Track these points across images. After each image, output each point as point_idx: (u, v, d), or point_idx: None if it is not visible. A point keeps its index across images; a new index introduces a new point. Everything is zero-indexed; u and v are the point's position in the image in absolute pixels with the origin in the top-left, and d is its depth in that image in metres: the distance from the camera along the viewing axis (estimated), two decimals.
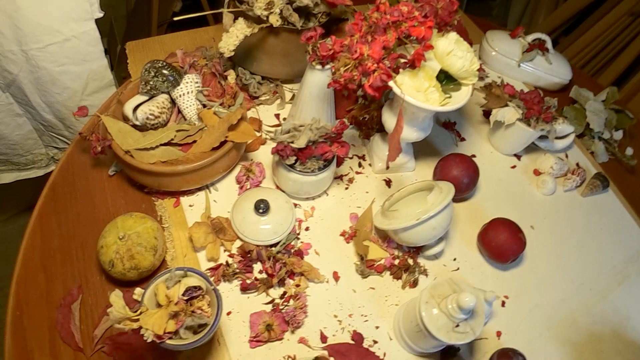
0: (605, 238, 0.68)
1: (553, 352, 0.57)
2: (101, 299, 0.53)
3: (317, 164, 0.54)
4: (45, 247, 0.56)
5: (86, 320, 0.51)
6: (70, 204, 0.59)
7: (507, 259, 0.58)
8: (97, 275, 0.54)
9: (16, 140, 0.80)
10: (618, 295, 0.64)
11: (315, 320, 0.52)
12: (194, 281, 0.46)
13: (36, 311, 0.52)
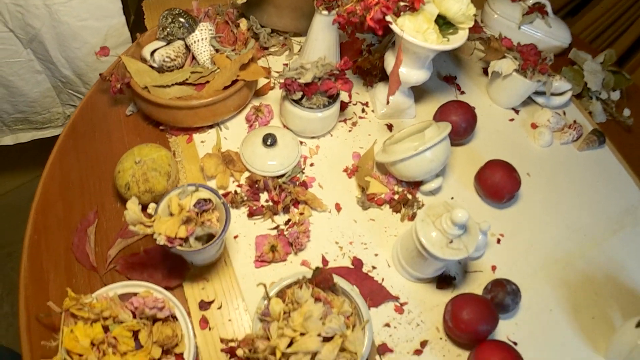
0: (601, 189, 0.72)
1: (547, 290, 0.61)
2: (116, 223, 0.58)
3: (322, 100, 0.59)
4: (64, 179, 0.62)
5: (101, 243, 0.57)
6: (89, 141, 0.65)
7: (502, 197, 0.62)
8: (113, 203, 0.59)
9: (35, 97, 0.86)
10: (613, 243, 0.68)
11: (317, 245, 0.57)
12: (204, 195, 0.51)
13: (53, 235, 0.57)
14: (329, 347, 0.43)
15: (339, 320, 0.44)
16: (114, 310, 0.47)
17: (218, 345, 0.51)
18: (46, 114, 0.89)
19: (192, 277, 0.54)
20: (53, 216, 0.59)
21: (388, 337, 0.53)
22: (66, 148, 0.64)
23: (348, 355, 0.44)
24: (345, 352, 0.44)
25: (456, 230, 0.48)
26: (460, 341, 0.53)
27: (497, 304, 0.55)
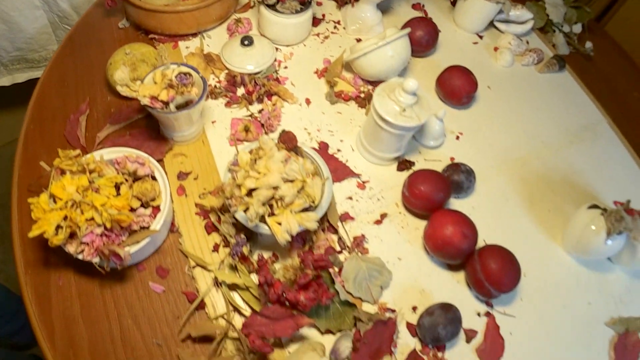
0: (561, 106, 0.80)
1: (504, 182, 0.69)
2: (106, 113, 0.66)
3: (295, 6, 0.68)
4: (61, 79, 0.70)
5: (91, 129, 0.65)
6: (85, 50, 0.74)
7: (460, 98, 0.71)
8: (104, 96, 0.68)
9: (32, 34, 0.96)
10: (571, 152, 0.76)
11: (286, 129, 0.65)
12: (185, 70, 0.59)
13: (48, 126, 0.66)
14: (289, 185, 0.51)
15: (299, 165, 0.52)
16: (98, 166, 0.55)
17: (193, 209, 0.59)
18: (42, 51, 0.99)
19: (173, 154, 0.63)
20: (49, 109, 0.67)
21: (350, 208, 0.61)
22: (64, 54, 0.74)
23: (307, 197, 0.52)
24: (304, 193, 0.52)
25: (408, 98, 0.56)
26: (417, 211, 0.61)
27: (452, 182, 0.63)
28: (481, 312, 0.58)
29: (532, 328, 0.59)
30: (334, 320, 0.52)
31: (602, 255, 0.63)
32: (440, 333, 0.52)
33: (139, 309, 0.53)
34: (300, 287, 0.49)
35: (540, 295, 0.61)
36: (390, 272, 0.57)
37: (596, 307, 0.62)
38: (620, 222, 0.58)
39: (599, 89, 0.86)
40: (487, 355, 0.55)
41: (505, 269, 0.55)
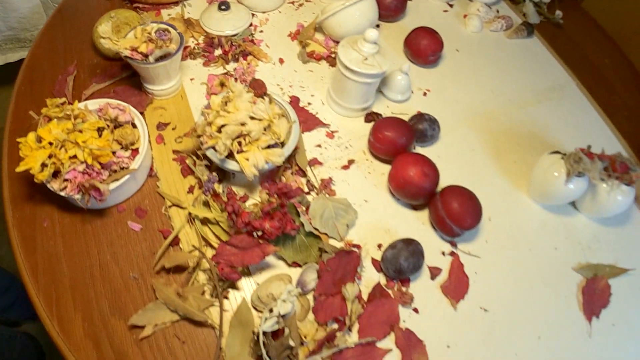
0: (528, 69, 0.86)
1: (470, 134, 0.74)
2: (92, 75, 0.72)
3: None
4: (51, 46, 0.77)
5: (78, 88, 0.71)
6: (73, 20, 0.80)
7: (427, 57, 0.76)
8: (91, 59, 0.74)
9: (25, 13, 1.03)
10: (538, 109, 0.80)
11: None
12: (164, 27, 0.66)
13: (38, 87, 0.72)
14: (256, 122, 0.56)
15: (266, 105, 0.57)
16: (82, 112, 0.61)
17: (171, 156, 0.65)
18: (34, 31, 1.06)
19: (153, 108, 0.68)
20: (39, 72, 0.73)
21: (319, 154, 0.66)
22: (54, 24, 0.80)
23: (273, 135, 0.57)
24: (270, 132, 0.58)
25: (369, 47, 0.62)
26: (382, 156, 0.66)
27: (417, 130, 0.68)
28: (446, 252, 0.63)
29: (498, 269, 0.63)
30: (300, 253, 0.57)
31: (564, 199, 0.67)
32: (402, 264, 0.57)
33: (118, 247, 0.58)
34: (265, 215, 0.54)
35: (505, 238, 0.66)
36: (356, 211, 0.62)
37: (563, 252, 0.66)
38: (579, 163, 0.63)
39: (569, 54, 0.91)
40: (452, 292, 0.60)
41: (466, 206, 0.60)
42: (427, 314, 0.58)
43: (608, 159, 0.66)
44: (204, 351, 0.53)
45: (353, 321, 0.54)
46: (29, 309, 1.16)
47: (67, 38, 0.77)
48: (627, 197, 0.66)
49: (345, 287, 0.54)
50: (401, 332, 0.56)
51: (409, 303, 0.58)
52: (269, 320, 0.50)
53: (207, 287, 0.55)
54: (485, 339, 0.58)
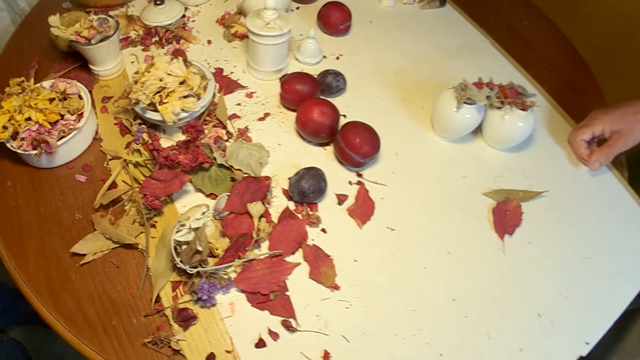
0: (441, 32, 1.00)
1: (380, 87, 0.88)
2: (51, 67, 0.90)
3: None
4: (18, 49, 0.95)
5: (39, 79, 0.88)
6: (36, 28, 0.98)
7: (337, 26, 0.92)
8: (50, 55, 0.92)
9: None
10: (448, 65, 0.94)
11: None
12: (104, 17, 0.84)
13: (5, 80, 0.90)
14: (172, 78, 0.72)
15: (180, 64, 0.73)
16: (37, 88, 0.78)
17: (113, 121, 0.81)
18: None
19: (99, 86, 0.85)
20: (8, 70, 0.91)
21: (239, 111, 0.81)
22: (20, 31, 1.00)
23: (187, 87, 0.73)
24: (186, 86, 0.73)
25: (269, 13, 0.78)
26: (291, 106, 0.81)
27: (323, 83, 0.83)
28: (353, 181, 0.75)
29: (404, 194, 0.75)
30: (215, 184, 0.71)
31: (463, 130, 0.79)
32: (303, 186, 0.70)
33: (67, 195, 0.73)
34: (180, 149, 0.69)
35: (412, 169, 0.78)
36: (269, 151, 0.76)
37: (473, 180, 0.78)
38: (465, 90, 0.75)
39: (485, 19, 1.06)
40: (358, 214, 0.72)
41: (363, 135, 0.73)
42: (334, 234, 0.70)
43: (497, 87, 0.79)
44: (134, 272, 0.66)
45: (261, 237, 0.67)
46: (16, 316, 1.31)
47: (31, 41, 0.96)
48: (527, 122, 0.77)
49: (250, 205, 0.67)
50: (309, 248, 0.68)
51: (316, 223, 0.70)
52: (181, 231, 0.64)
53: (137, 217, 0.69)
54: (393, 253, 0.69)
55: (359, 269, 0.67)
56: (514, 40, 1.04)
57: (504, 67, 0.96)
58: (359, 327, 0.62)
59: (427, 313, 0.64)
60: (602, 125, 0.79)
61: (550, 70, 1.01)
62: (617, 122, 0.78)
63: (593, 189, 0.81)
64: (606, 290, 0.69)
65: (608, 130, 0.79)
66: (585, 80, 1.01)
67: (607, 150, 0.80)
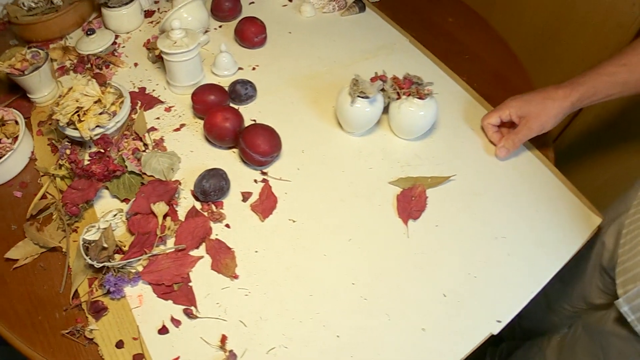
0: (359, 36, 1.12)
1: (292, 92, 1.00)
2: None
3: (123, 0, 1.09)
4: None
5: None
6: None
7: (252, 39, 1.05)
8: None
9: None
10: (363, 65, 1.06)
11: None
12: (35, 50, 1.00)
13: None
14: (87, 98, 0.86)
15: (95, 86, 0.88)
16: None
17: (46, 142, 0.95)
18: None
19: (37, 112, 1.00)
20: None
21: (157, 124, 0.94)
22: None
23: (102, 105, 0.87)
24: (100, 104, 0.87)
25: (176, 33, 0.92)
26: (201, 115, 0.93)
27: (233, 92, 0.95)
28: (258, 180, 0.87)
29: (308, 188, 0.86)
30: (127, 190, 0.84)
31: (365, 123, 0.90)
32: (204, 185, 0.82)
33: (5, 210, 0.87)
34: (92, 160, 0.82)
35: (318, 164, 0.89)
36: (180, 157, 0.88)
37: (379, 170, 0.88)
38: (357, 85, 0.87)
39: (406, 19, 1.18)
40: (260, 209, 0.84)
41: (262, 136, 0.84)
42: (237, 228, 0.81)
43: (392, 79, 0.90)
44: (59, 273, 0.78)
45: (167, 234, 0.79)
46: None
47: None
48: (428, 110, 0.88)
49: (154, 205, 0.79)
50: (212, 242, 0.80)
51: (219, 220, 0.82)
52: (90, 231, 0.77)
53: (60, 222, 0.83)
54: (293, 244, 0.80)
55: (259, 259, 0.78)
56: (438, 37, 1.16)
57: (422, 62, 1.07)
58: (257, 312, 0.72)
59: (325, 297, 0.73)
60: (509, 110, 0.89)
61: (473, 61, 1.11)
62: (523, 107, 0.87)
63: (511, 170, 0.90)
64: (522, 268, 0.77)
65: (515, 115, 0.88)
66: (512, 70, 1.11)
67: (512, 137, 0.89)
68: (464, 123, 0.96)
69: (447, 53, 1.10)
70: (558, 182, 0.88)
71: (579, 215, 0.83)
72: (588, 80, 0.82)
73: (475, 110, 0.98)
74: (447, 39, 1.16)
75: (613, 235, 0.82)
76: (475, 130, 0.95)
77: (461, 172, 0.89)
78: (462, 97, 1.01)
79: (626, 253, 0.75)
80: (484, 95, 1.01)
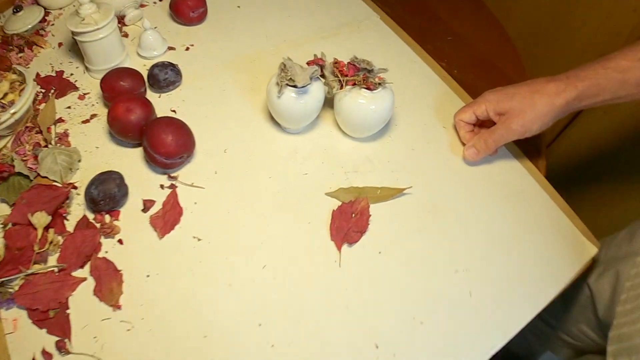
0: (320, 9, 0.99)
1: (227, 76, 0.89)
2: None
3: None
4: None
5: None
6: None
7: (187, 14, 0.94)
8: None
9: None
10: (317, 45, 0.93)
11: None
12: None
13: None
14: None
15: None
16: None
17: None
18: None
19: None
20: None
21: (67, 114, 0.85)
22: None
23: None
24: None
25: (85, 9, 0.81)
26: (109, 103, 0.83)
27: (150, 77, 0.84)
28: (165, 185, 0.76)
29: (223, 198, 0.74)
30: (17, 194, 0.76)
31: (297, 118, 0.76)
32: (92, 193, 0.71)
33: None
34: None
35: (241, 168, 0.77)
36: (80, 156, 0.79)
37: (316, 177, 0.75)
38: (285, 71, 0.72)
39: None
40: (161, 223, 0.72)
41: (167, 133, 0.73)
42: (131, 245, 0.71)
43: (332, 64, 0.75)
44: None
45: (49, 249, 0.70)
46: None
47: None
48: (380, 104, 0.73)
49: (32, 215, 0.70)
50: (98, 262, 0.69)
51: (111, 234, 0.72)
52: None
53: None
54: (193, 268, 0.68)
55: (149, 286, 0.67)
56: (417, 14, 0.98)
57: (392, 43, 0.92)
58: (137, 354, 0.61)
59: (222, 341, 0.62)
60: (485, 105, 0.72)
61: (457, 44, 0.93)
62: (504, 101, 0.70)
63: (487, 182, 0.74)
64: (484, 313, 0.62)
65: (492, 111, 0.71)
66: (504, 56, 0.92)
67: (485, 136, 0.72)
68: (433, 119, 0.80)
69: (425, 33, 0.93)
70: (547, 199, 0.70)
71: (570, 243, 0.66)
72: (592, 74, 0.63)
73: (450, 104, 0.81)
74: (429, 17, 0.99)
75: (610, 284, 0.64)
76: (447, 129, 0.79)
77: (421, 182, 0.73)
78: (436, 87, 0.84)
79: (626, 314, 0.57)
80: (466, 85, 0.83)
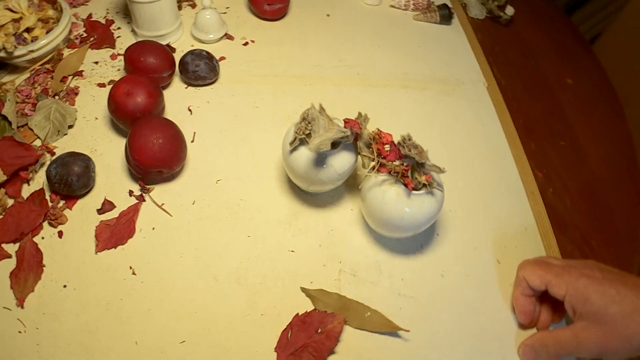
0: (421, 49, 0.83)
1: (268, 93, 0.76)
2: None
3: None
4: None
5: None
6: None
7: (262, 6, 0.83)
8: None
9: None
10: (389, 94, 0.76)
11: None
12: None
13: None
14: (9, 13, 0.74)
15: (24, 2, 0.75)
16: None
17: None
18: None
19: None
20: None
21: (90, 69, 0.80)
22: None
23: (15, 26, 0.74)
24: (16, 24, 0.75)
25: None
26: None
27: (181, 64, 0.75)
28: (135, 192, 0.66)
29: (185, 240, 0.62)
30: None
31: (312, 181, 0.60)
32: (50, 171, 0.63)
33: None
34: None
35: (222, 209, 0.65)
36: (75, 120, 0.72)
37: (302, 260, 0.61)
38: (307, 121, 0.58)
39: (508, 59, 0.82)
40: (105, 237, 0.63)
41: (151, 137, 0.62)
42: (67, 244, 0.62)
43: (375, 135, 0.59)
44: None
45: None
46: None
47: None
48: (420, 207, 0.55)
49: None
50: (29, 245, 0.62)
51: (54, 221, 0.64)
52: None
53: None
54: (112, 303, 0.58)
55: (62, 297, 0.58)
56: (537, 99, 0.79)
57: (486, 122, 0.75)
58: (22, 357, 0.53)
59: None
60: (566, 288, 0.52)
61: (568, 154, 0.74)
62: (576, 296, 0.50)
63: None
64: None
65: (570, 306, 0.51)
66: (622, 192, 0.70)
67: (546, 336, 0.53)
68: (490, 245, 0.62)
69: (535, 125, 0.74)
70: None
71: None
72: None
73: (522, 236, 0.62)
74: (550, 107, 0.78)
75: None
76: (502, 265, 0.60)
77: (427, 331, 0.56)
78: (516, 206, 0.65)
79: None
80: (556, 213, 0.64)
